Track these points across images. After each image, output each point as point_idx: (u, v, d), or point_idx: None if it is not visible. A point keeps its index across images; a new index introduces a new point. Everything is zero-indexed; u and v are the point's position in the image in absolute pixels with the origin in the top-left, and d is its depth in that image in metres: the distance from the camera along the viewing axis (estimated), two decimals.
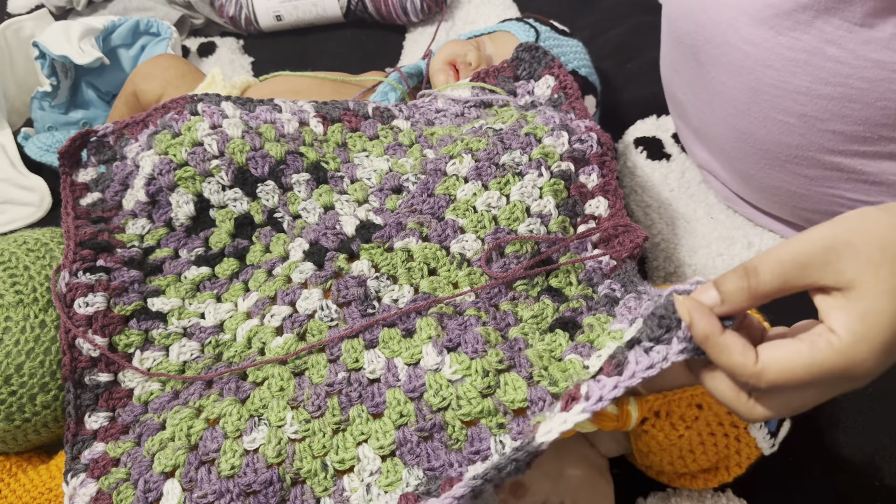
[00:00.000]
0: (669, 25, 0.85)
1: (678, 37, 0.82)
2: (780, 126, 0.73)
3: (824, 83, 0.67)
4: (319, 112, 0.86)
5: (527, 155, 0.76)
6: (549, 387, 0.58)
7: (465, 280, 0.70)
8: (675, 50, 0.84)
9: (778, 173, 0.78)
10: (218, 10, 1.22)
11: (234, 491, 0.59)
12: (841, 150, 0.71)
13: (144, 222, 0.79)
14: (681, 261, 0.89)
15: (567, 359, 0.61)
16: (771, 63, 0.70)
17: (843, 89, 0.67)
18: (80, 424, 0.69)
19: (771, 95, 0.72)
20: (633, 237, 0.71)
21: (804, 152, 0.73)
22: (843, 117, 0.69)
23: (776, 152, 0.76)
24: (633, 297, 0.67)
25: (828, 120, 0.70)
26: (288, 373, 0.66)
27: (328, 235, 0.75)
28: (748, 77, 0.73)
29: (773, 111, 0.73)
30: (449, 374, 0.60)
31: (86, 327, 0.69)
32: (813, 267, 0.45)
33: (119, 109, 1.05)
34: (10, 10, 1.28)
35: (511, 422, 0.58)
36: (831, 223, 0.45)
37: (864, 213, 0.46)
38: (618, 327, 0.61)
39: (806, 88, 0.69)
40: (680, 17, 0.80)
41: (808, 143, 0.72)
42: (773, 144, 0.75)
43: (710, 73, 0.77)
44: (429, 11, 1.20)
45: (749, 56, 0.71)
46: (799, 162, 0.75)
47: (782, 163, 0.76)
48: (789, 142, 0.74)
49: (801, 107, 0.70)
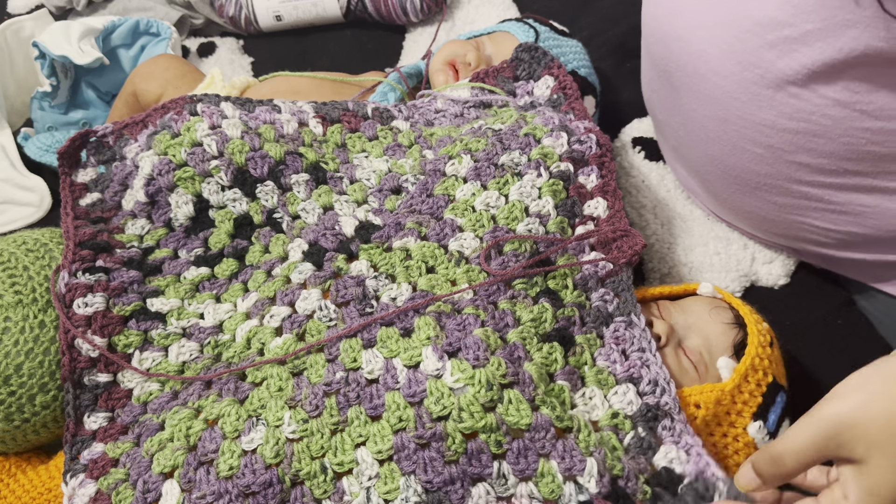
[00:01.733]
0: (647, 48, 0.85)
1: (654, 60, 0.82)
2: (748, 155, 0.73)
3: (788, 118, 0.68)
4: (319, 112, 0.86)
5: (526, 155, 0.76)
6: (555, 421, 0.60)
7: (464, 277, 0.70)
8: (652, 70, 0.85)
9: (748, 198, 0.79)
10: (218, 10, 1.22)
11: (233, 492, 0.59)
12: (808, 180, 0.72)
13: (144, 223, 0.79)
14: (676, 261, 0.89)
15: (559, 383, 0.64)
16: (738, 96, 0.70)
17: (807, 125, 0.67)
18: (80, 425, 0.69)
19: (738, 126, 0.72)
20: (631, 243, 0.71)
21: (772, 181, 0.74)
22: (808, 150, 0.69)
23: (746, 179, 0.76)
24: (623, 322, 0.68)
25: (793, 152, 0.70)
26: (286, 373, 0.66)
27: (327, 236, 0.75)
28: (717, 107, 0.73)
29: (742, 141, 0.73)
30: (451, 381, 0.60)
31: (85, 328, 0.69)
32: (827, 450, 0.50)
33: (119, 109, 1.05)
34: (10, 10, 1.28)
35: (510, 443, 0.59)
36: (836, 401, 0.51)
37: (865, 388, 0.50)
38: (603, 364, 0.66)
39: (771, 122, 0.69)
40: (655, 43, 0.80)
41: (775, 171, 0.73)
42: (742, 171, 0.76)
43: (682, 99, 0.78)
44: (428, 12, 1.20)
45: (717, 87, 0.71)
46: (768, 189, 0.75)
47: (752, 189, 0.77)
48: (758, 170, 0.74)
49: (768, 139, 0.70)
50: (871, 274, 0.80)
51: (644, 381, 0.65)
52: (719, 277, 0.87)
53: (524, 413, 0.59)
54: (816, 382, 0.81)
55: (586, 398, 0.64)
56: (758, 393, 0.68)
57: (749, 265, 0.88)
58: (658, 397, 0.64)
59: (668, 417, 0.63)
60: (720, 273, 0.87)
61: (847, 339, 0.83)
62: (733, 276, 0.87)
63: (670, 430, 0.63)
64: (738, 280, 0.87)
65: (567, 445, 0.60)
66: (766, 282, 0.88)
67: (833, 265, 0.82)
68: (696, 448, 0.61)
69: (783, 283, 0.87)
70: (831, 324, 0.85)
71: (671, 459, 0.61)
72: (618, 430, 0.63)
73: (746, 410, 0.67)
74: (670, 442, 0.62)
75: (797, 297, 0.87)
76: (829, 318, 0.85)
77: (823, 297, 0.86)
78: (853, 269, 0.80)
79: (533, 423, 0.59)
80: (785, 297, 0.86)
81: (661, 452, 0.61)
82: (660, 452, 0.61)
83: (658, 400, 0.64)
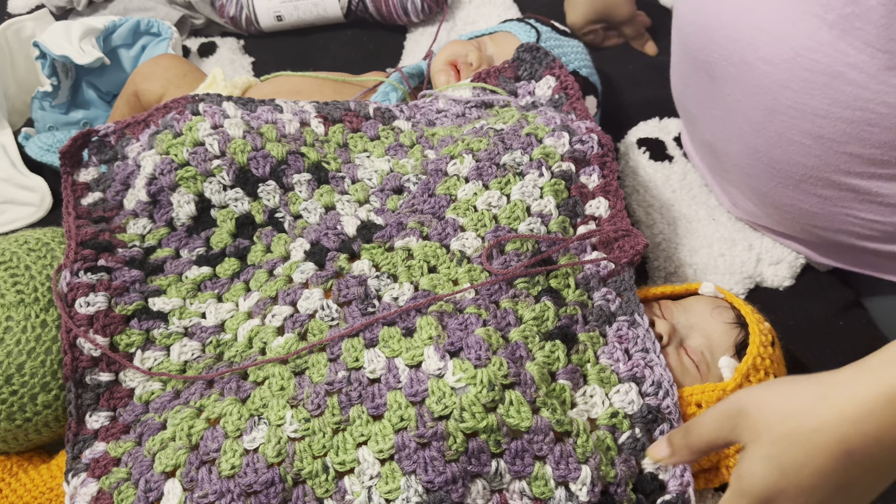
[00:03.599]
0: (682, 39, 0.83)
1: (690, 51, 0.80)
2: (795, 146, 0.72)
3: (843, 106, 0.66)
4: (321, 112, 0.86)
5: (528, 155, 0.76)
6: (554, 425, 0.60)
7: (465, 277, 0.70)
8: (686, 63, 0.83)
9: (791, 192, 0.77)
10: (218, 10, 1.22)
11: (235, 491, 0.59)
12: (857, 171, 0.70)
13: (146, 222, 0.79)
14: (682, 261, 0.89)
15: (560, 382, 0.64)
16: (789, 84, 0.69)
17: (863, 113, 0.66)
18: (81, 424, 0.69)
19: (788, 116, 0.71)
20: (633, 243, 0.71)
21: (819, 173, 0.73)
22: (861, 140, 0.68)
23: (790, 172, 0.75)
24: (625, 321, 0.69)
25: (845, 142, 0.69)
26: (288, 372, 0.66)
27: (329, 235, 0.75)
28: (765, 97, 0.71)
29: (790, 132, 0.72)
30: (452, 381, 0.60)
31: (87, 327, 0.69)
32: (723, 430, 0.54)
33: (120, 109, 1.05)
34: (10, 10, 1.27)
35: (508, 443, 0.60)
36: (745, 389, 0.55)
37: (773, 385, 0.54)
38: (606, 362, 0.66)
39: (825, 111, 0.68)
40: (693, 33, 0.78)
41: (823, 164, 0.71)
42: (787, 164, 0.74)
43: (724, 90, 0.76)
44: (429, 12, 1.20)
45: (766, 76, 0.70)
46: (813, 182, 0.74)
47: (796, 182, 0.76)
48: (804, 162, 0.73)
49: (819, 129, 0.69)
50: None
51: (647, 381, 0.65)
52: (724, 279, 0.87)
53: (525, 415, 0.60)
54: None
55: (587, 396, 0.64)
56: None
57: (754, 266, 0.88)
58: (660, 400, 0.64)
59: (666, 423, 0.64)
60: (724, 275, 0.87)
61: (850, 341, 0.83)
62: (738, 278, 0.87)
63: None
64: (742, 282, 0.87)
65: (564, 451, 0.60)
66: (772, 283, 0.88)
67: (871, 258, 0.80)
68: None
69: (788, 284, 0.87)
70: (834, 325, 0.85)
71: (658, 466, 0.62)
72: (615, 430, 0.63)
73: None
74: None
75: (801, 298, 0.87)
76: (833, 319, 0.85)
77: (828, 299, 0.86)
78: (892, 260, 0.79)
79: (532, 426, 0.60)
80: (789, 298, 0.86)
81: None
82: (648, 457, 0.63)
83: (660, 403, 0.64)
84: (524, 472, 0.60)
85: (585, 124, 0.80)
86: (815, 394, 0.51)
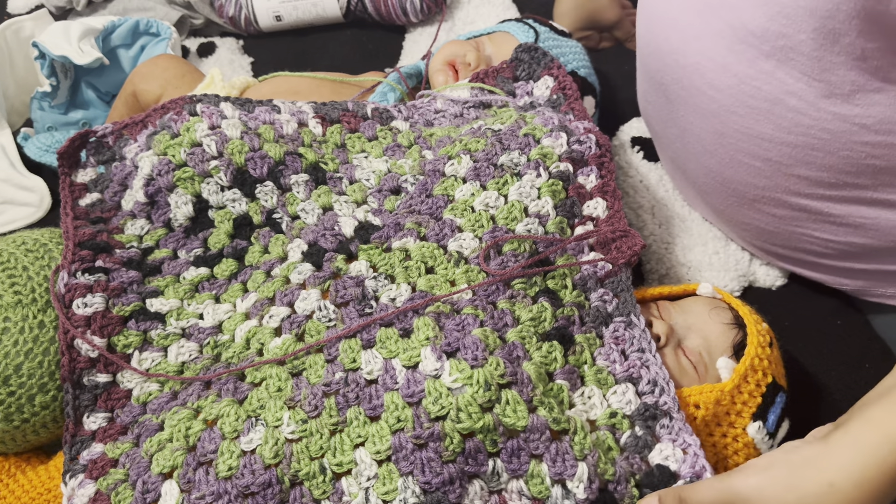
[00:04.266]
0: (642, 60, 0.84)
1: (649, 72, 0.81)
2: (746, 168, 0.73)
3: (787, 132, 0.67)
4: (318, 113, 0.86)
5: (525, 155, 0.76)
6: (550, 423, 0.60)
7: (463, 278, 0.70)
8: (647, 83, 0.84)
9: (747, 211, 0.78)
10: (217, 10, 1.22)
11: (233, 492, 0.59)
12: (806, 192, 0.71)
13: (143, 223, 0.79)
14: (674, 261, 0.89)
15: (558, 382, 0.64)
16: (735, 109, 0.70)
17: (806, 138, 0.67)
18: (79, 425, 0.69)
19: (736, 139, 0.72)
20: (631, 244, 0.71)
21: (771, 193, 0.74)
22: (807, 164, 0.69)
23: (744, 192, 0.76)
24: (622, 322, 0.68)
25: (792, 165, 0.69)
26: (286, 373, 0.66)
27: (327, 236, 0.75)
28: (714, 121, 0.72)
29: (739, 154, 0.73)
30: (449, 381, 0.60)
31: (84, 328, 0.69)
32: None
33: (118, 110, 1.05)
34: (9, 11, 1.27)
35: (505, 442, 0.60)
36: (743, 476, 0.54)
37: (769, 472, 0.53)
38: (603, 364, 0.66)
39: (769, 135, 0.69)
40: (650, 55, 0.79)
41: (774, 185, 0.72)
42: (740, 184, 0.75)
43: (679, 112, 0.77)
44: (428, 12, 1.20)
45: (714, 101, 0.71)
46: (766, 202, 0.75)
47: (750, 202, 0.76)
48: (756, 183, 0.74)
49: (766, 152, 0.70)
50: (870, 282, 0.80)
51: (643, 381, 0.65)
52: (718, 277, 0.87)
53: (521, 415, 0.59)
54: (816, 383, 0.81)
55: (585, 397, 0.64)
56: (757, 393, 0.67)
57: (748, 265, 0.88)
58: (657, 397, 0.64)
59: (666, 416, 0.63)
60: (719, 272, 0.87)
61: (846, 340, 0.83)
62: (732, 276, 0.87)
63: (668, 428, 0.63)
64: (737, 279, 0.87)
65: (560, 449, 0.60)
66: (764, 282, 0.88)
67: (830, 273, 0.81)
68: (693, 448, 0.61)
69: (781, 283, 0.87)
70: (831, 324, 0.85)
71: (666, 456, 0.61)
72: (615, 430, 0.63)
73: (746, 411, 0.67)
74: (668, 440, 0.62)
75: (796, 297, 0.87)
76: (829, 319, 0.85)
77: (823, 298, 0.86)
78: (851, 277, 0.80)
79: (528, 425, 0.59)
80: (784, 298, 0.86)
81: (657, 450, 0.62)
82: (655, 450, 0.62)
83: (657, 400, 0.64)
84: (520, 470, 0.60)
85: (583, 125, 0.80)
86: (821, 483, 0.51)
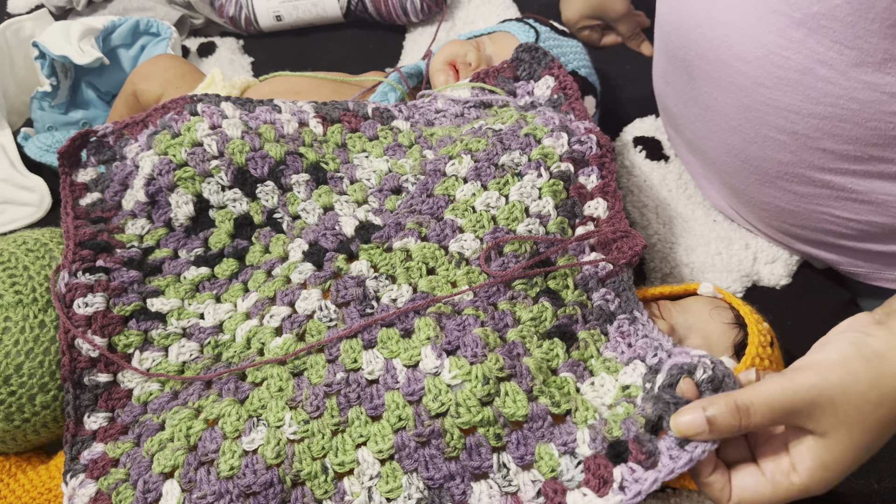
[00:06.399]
0: (662, 38, 0.84)
1: (670, 50, 0.81)
2: (770, 143, 0.73)
3: (815, 102, 0.67)
4: (319, 113, 0.86)
5: (526, 155, 0.76)
6: (550, 407, 0.60)
7: (464, 279, 0.70)
8: (667, 62, 0.84)
9: (768, 189, 0.78)
10: (218, 10, 1.22)
11: (234, 492, 0.59)
12: (831, 167, 0.71)
13: (144, 222, 0.79)
14: (678, 261, 0.88)
15: (562, 375, 0.63)
16: (762, 81, 0.69)
17: (834, 109, 0.66)
18: (80, 425, 0.69)
19: (762, 113, 0.71)
20: (632, 244, 0.71)
21: (794, 169, 0.73)
22: (833, 136, 0.68)
23: (766, 168, 0.75)
24: (626, 319, 0.68)
25: (819, 138, 0.69)
26: (287, 373, 0.66)
27: (327, 236, 0.75)
28: (739, 94, 0.72)
29: (764, 128, 0.72)
30: (448, 378, 0.60)
31: (85, 328, 0.69)
32: (798, 415, 0.51)
33: (119, 109, 1.05)
34: (10, 10, 1.27)
35: (508, 435, 0.59)
36: (819, 375, 0.52)
37: (848, 367, 0.52)
38: (611, 355, 0.65)
39: (797, 107, 0.68)
40: (672, 32, 0.79)
41: (798, 160, 0.72)
42: (763, 161, 0.75)
43: (702, 88, 0.77)
44: (429, 12, 1.20)
45: (741, 73, 0.71)
46: (789, 179, 0.75)
47: (772, 179, 0.76)
48: (780, 158, 0.73)
49: (792, 125, 0.70)
50: (886, 266, 0.79)
51: (650, 354, 0.63)
52: (721, 277, 0.87)
53: (521, 404, 0.59)
54: None
55: (597, 385, 0.63)
56: None
57: (751, 265, 0.88)
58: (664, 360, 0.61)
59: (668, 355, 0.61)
60: (722, 273, 0.87)
61: None
62: (735, 277, 0.87)
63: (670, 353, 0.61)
64: (739, 280, 0.87)
65: (564, 430, 0.59)
66: (769, 282, 0.88)
67: (849, 255, 0.81)
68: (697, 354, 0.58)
69: (785, 283, 0.87)
70: (833, 324, 0.84)
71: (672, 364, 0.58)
72: (631, 398, 0.61)
73: None
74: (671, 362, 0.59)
75: (799, 297, 0.86)
76: (831, 319, 0.84)
77: (825, 298, 0.86)
78: (868, 259, 0.79)
79: (530, 414, 0.59)
80: (786, 298, 0.86)
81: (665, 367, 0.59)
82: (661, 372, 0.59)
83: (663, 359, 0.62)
84: (528, 456, 0.59)
85: (584, 125, 0.80)
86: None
